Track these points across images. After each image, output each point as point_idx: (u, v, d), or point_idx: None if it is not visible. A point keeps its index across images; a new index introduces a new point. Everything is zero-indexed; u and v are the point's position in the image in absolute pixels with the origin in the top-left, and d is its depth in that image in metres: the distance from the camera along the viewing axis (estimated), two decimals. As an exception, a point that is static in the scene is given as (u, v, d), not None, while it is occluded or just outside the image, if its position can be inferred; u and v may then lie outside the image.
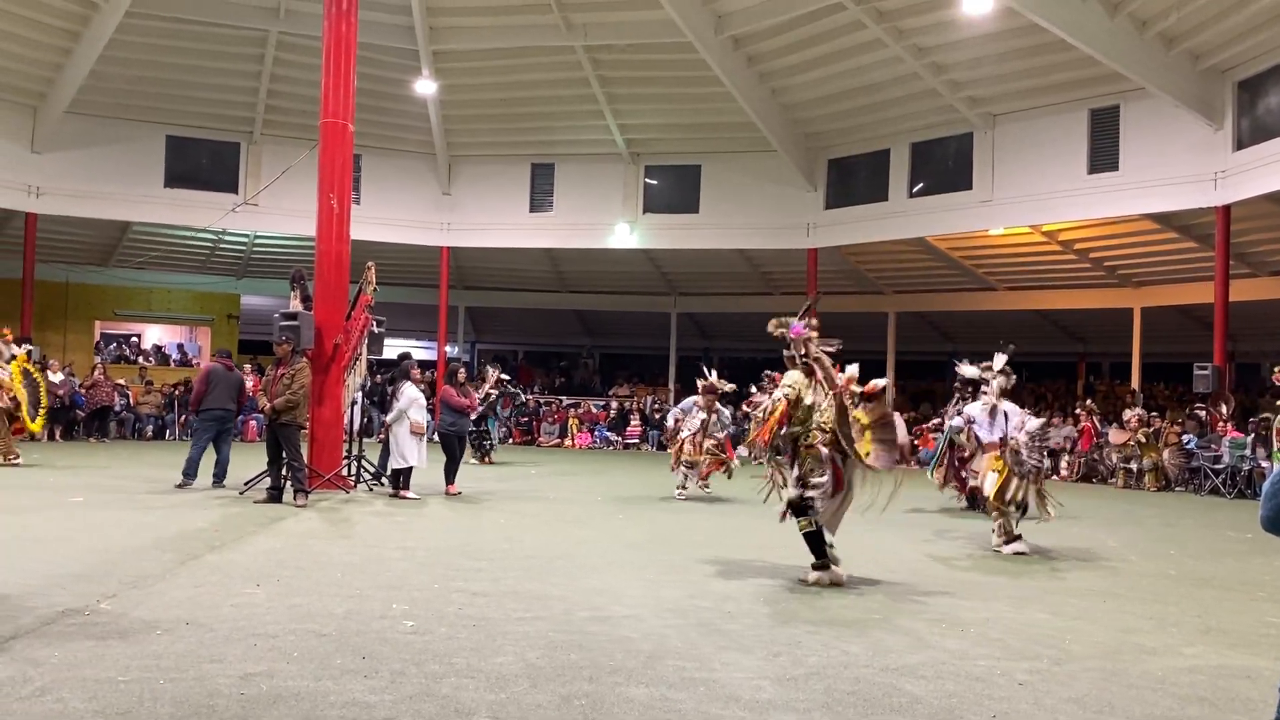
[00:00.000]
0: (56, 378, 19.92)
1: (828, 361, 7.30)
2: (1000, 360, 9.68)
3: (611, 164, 23.81)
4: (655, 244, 24.23)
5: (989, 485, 9.13)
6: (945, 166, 21.08)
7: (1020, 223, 20.17)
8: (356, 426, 13.35)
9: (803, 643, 5.33)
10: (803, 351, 7.35)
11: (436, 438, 12.91)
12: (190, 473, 12.10)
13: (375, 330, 13.09)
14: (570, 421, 24.94)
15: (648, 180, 24.01)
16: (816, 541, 7.09)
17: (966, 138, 20.49)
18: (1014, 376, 9.89)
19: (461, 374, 12.96)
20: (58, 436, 19.85)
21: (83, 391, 20.68)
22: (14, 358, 15.05)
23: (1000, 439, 9.22)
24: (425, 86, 21.37)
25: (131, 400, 22.03)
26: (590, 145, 23.63)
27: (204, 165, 22.99)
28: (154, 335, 27.86)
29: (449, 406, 12.54)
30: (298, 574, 6.82)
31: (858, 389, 7.24)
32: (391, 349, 15.49)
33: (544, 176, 24.31)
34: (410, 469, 11.94)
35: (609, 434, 24.85)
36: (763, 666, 4.86)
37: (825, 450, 7.06)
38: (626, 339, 32.34)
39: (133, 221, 23.19)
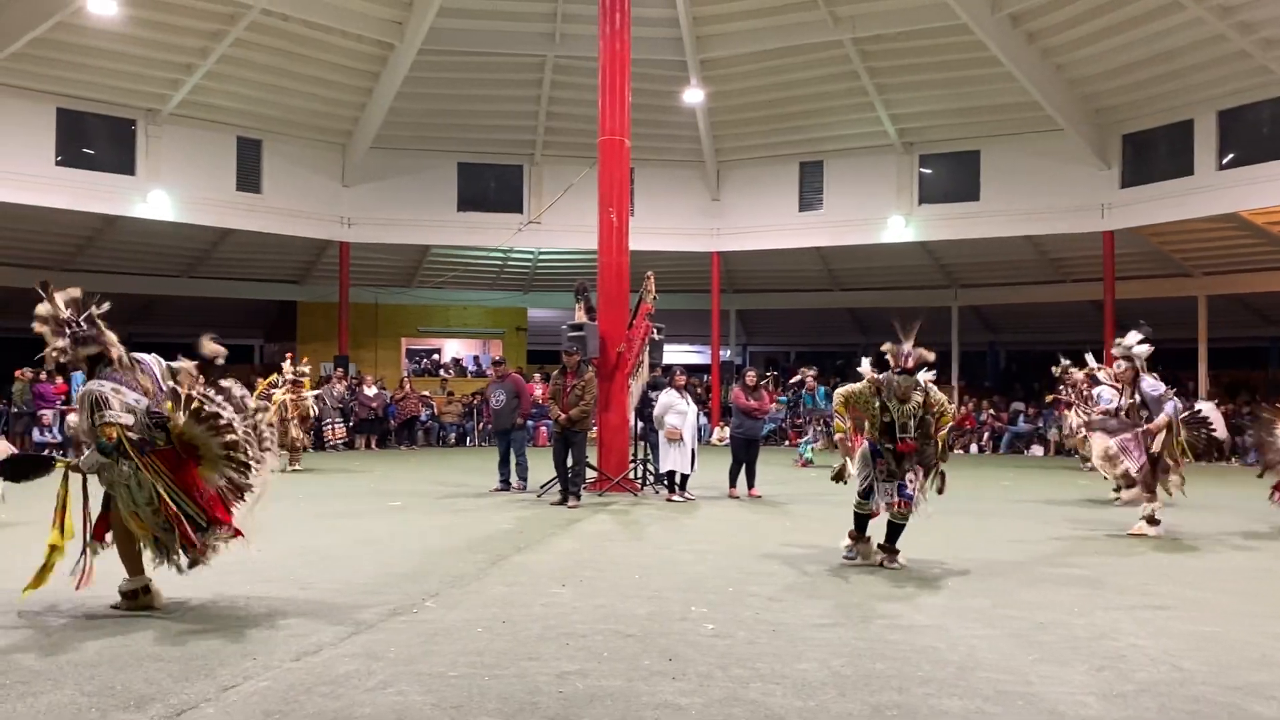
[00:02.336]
0: (370, 391, 21.84)
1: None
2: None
3: (883, 156, 23.25)
4: (933, 236, 23.43)
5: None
6: (1259, 134, 19.04)
7: (1355, 189, 17.94)
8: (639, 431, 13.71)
9: (1128, 656, 4.95)
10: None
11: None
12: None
13: (655, 337, 13.40)
14: (848, 422, 24.49)
15: (922, 170, 23.25)
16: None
17: (1284, 100, 18.46)
18: None
19: (750, 377, 13.03)
20: (373, 445, 21.68)
21: (394, 404, 22.50)
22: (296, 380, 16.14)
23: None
24: (693, 95, 21.72)
25: (436, 410, 23.75)
26: (860, 139, 23.18)
27: (491, 188, 24.41)
28: (452, 349, 29.82)
29: (738, 409, 12.68)
30: (598, 575, 7.07)
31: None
32: (669, 356, 15.85)
33: (813, 174, 24.08)
34: (675, 473, 12.08)
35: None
36: (1086, 680, 4.55)
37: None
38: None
39: (431, 245, 24.99)
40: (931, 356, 7.37)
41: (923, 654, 4.97)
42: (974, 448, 23.10)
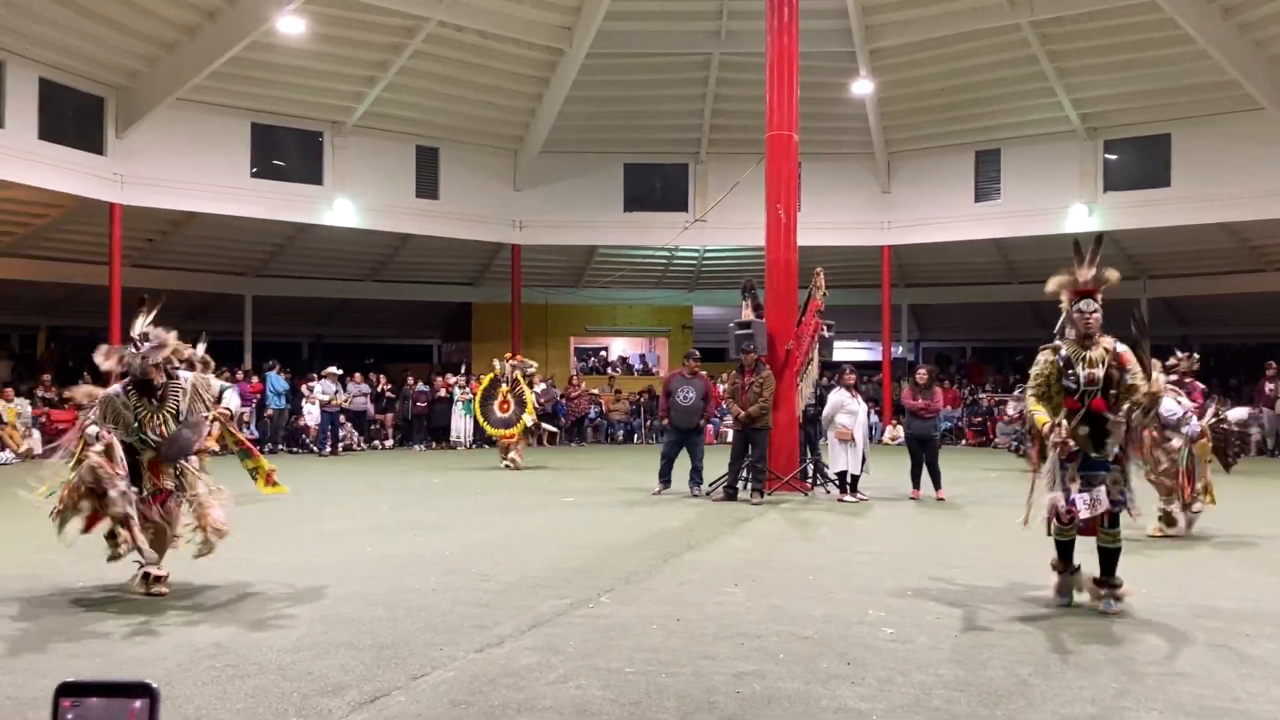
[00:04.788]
0: (539, 388, 22.29)
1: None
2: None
3: (1064, 142, 22.21)
4: (1119, 224, 22.16)
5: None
6: None
7: None
8: (811, 430, 13.50)
9: (1351, 676, 4.57)
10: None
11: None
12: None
13: (825, 334, 13.18)
14: (1029, 420, 23.52)
15: (1107, 156, 22.10)
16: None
17: None
18: None
19: (921, 375, 12.69)
20: (544, 442, 22.12)
21: (564, 402, 22.94)
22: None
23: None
24: (862, 87, 21.28)
25: (604, 408, 24.10)
26: (1040, 125, 22.21)
27: (657, 188, 24.57)
28: (619, 347, 30.20)
29: (907, 409, 12.41)
30: (770, 574, 7.01)
31: None
32: (839, 353, 15.55)
33: (989, 163, 23.23)
34: (847, 473, 11.85)
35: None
36: (1303, 700, 4.23)
37: None
38: (1088, 329, 29.93)
39: (598, 245, 25.35)
40: (1116, 275, 6.09)
41: (1117, 664, 4.73)
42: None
